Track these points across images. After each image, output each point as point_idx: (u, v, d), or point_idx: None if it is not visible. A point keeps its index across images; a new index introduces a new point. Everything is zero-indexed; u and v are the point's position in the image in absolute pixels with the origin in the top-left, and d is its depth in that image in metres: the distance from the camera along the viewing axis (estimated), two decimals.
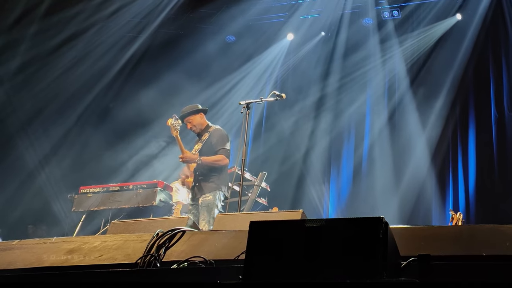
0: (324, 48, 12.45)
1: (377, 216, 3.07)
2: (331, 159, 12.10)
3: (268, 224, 3.35)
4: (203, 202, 7.17)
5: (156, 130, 11.42)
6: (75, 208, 8.49)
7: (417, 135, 11.42)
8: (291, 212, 5.43)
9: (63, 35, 11.09)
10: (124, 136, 11.63)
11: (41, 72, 11.14)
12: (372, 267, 2.93)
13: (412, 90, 11.74)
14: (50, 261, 3.89)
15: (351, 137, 12.17)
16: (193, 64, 11.94)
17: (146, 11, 11.57)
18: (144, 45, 11.94)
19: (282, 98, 7.35)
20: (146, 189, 8.31)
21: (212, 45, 12.25)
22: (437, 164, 11.19)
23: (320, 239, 3.11)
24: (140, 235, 4.12)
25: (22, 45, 10.84)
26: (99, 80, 11.68)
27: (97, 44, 11.62)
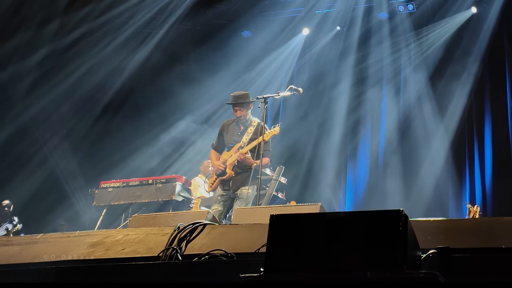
0: (339, 42, 12.44)
1: (397, 209, 3.08)
2: (348, 153, 12.12)
3: (289, 217, 3.37)
4: (241, 194, 7.22)
5: (175, 124, 11.52)
6: (96, 203, 8.61)
7: (434, 128, 11.40)
8: (310, 206, 5.47)
9: (82, 30, 11.17)
10: (145, 131, 11.73)
11: (60, 67, 11.23)
12: (392, 259, 2.94)
13: (428, 83, 11.72)
14: (74, 255, 3.95)
15: (367, 131, 12.18)
16: (209, 59, 12.00)
17: (162, 7, 11.62)
18: (161, 41, 12.00)
19: (299, 93, 7.36)
20: (165, 184, 8.39)
21: (228, 40, 12.29)
22: (453, 157, 11.18)
23: (340, 232, 3.13)
24: (161, 228, 4.17)
25: (41, 42, 10.93)
26: (117, 76, 11.77)
27: (114, 39, 11.69)
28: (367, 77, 12.25)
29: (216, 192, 7.51)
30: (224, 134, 7.68)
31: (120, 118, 11.88)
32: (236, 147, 7.44)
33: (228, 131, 7.66)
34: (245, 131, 7.53)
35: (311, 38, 12.65)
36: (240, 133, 7.57)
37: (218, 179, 7.44)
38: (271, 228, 3.28)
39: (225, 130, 7.70)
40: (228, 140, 7.61)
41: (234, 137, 7.57)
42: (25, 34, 10.81)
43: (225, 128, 7.72)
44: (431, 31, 11.98)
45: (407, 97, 11.99)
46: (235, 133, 7.60)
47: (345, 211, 3.23)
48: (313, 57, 12.55)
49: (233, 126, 7.69)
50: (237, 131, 7.60)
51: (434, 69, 11.83)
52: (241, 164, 7.35)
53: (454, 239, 3.40)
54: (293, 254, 3.17)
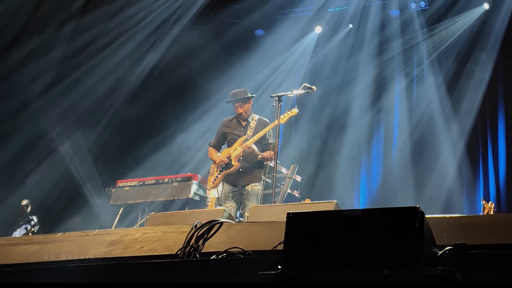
0: (351, 40, 12.44)
1: (413, 206, 3.09)
2: (362, 150, 12.12)
3: (305, 215, 3.38)
4: (253, 190, 7.29)
5: (191, 124, 11.60)
6: (113, 201, 8.69)
7: (447, 125, 11.38)
8: (325, 203, 5.48)
9: (96, 30, 11.24)
10: (162, 129, 11.81)
11: (75, 68, 11.31)
12: (409, 256, 2.95)
13: (441, 80, 11.69)
14: (93, 253, 4.00)
15: (380, 128, 12.17)
16: (222, 59, 12.04)
17: (175, 7, 11.67)
18: (175, 41, 12.05)
19: (313, 91, 7.40)
20: (181, 182, 8.46)
21: (241, 39, 12.33)
22: (467, 153, 11.16)
23: (357, 229, 3.14)
24: (179, 226, 4.21)
25: (57, 43, 11.01)
26: (132, 76, 11.85)
27: (128, 38, 11.76)
28: (379, 75, 12.24)
29: (224, 189, 7.52)
30: (224, 130, 7.74)
31: (135, 117, 11.95)
32: (241, 140, 7.49)
33: (229, 127, 7.72)
34: (247, 126, 7.60)
35: (323, 36, 12.65)
36: (242, 128, 7.64)
37: (222, 173, 7.46)
38: (288, 225, 3.30)
39: (225, 126, 7.77)
40: (229, 136, 7.67)
41: (236, 132, 7.64)
42: (42, 35, 10.88)
43: (226, 124, 7.79)
44: (443, 28, 11.95)
45: (420, 94, 11.98)
46: (237, 129, 7.67)
47: (361, 208, 3.23)
48: (326, 55, 12.55)
49: (234, 122, 7.76)
50: (239, 127, 7.68)
51: (447, 66, 11.80)
52: (247, 158, 7.40)
53: (471, 236, 3.41)
54: (310, 251, 3.19)
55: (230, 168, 7.41)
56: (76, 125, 11.47)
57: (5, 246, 4.37)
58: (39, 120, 11.16)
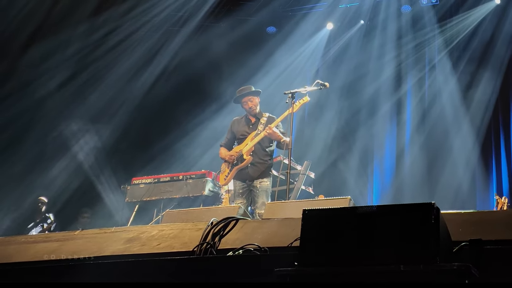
0: (363, 36, 12.43)
1: (428, 202, 3.11)
2: (374, 146, 12.11)
3: (321, 211, 3.41)
4: (262, 186, 7.32)
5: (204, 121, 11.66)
6: (129, 199, 8.74)
7: (459, 120, 11.36)
8: (339, 200, 5.49)
9: (110, 27, 11.29)
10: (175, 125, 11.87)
11: (89, 65, 11.37)
12: (425, 252, 2.96)
13: (453, 75, 11.67)
14: (111, 250, 4.04)
15: (393, 123, 12.16)
16: (234, 56, 12.07)
17: (187, 4, 11.70)
18: (187, 39, 12.08)
19: (326, 87, 7.40)
20: (195, 179, 8.49)
21: (253, 36, 12.34)
22: (480, 148, 11.13)
23: (372, 225, 3.16)
24: (195, 223, 4.24)
25: (72, 41, 11.07)
26: (145, 73, 11.90)
27: (139, 37, 11.80)
28: (391, 71, 12.21)
29: (235, 186, 7.55)
30: (234, 129, 7.77)
31: (149, 114, 12.01)
32: (252, 135, 7.51)
33: (239, 125, 7.75)
34: (257, 122, 7.62)
35: (335, 33, 12.65)
36: (251, 125, 7.66)
37: (234, 169, 7.48)
38: (304, 222, 3.33)
39: (235, 125, 7.80)
40: (240, 132, 7.69)
41: (246, 129, 7.66)
42: (57, 33, 10.94)
43: (235, 123, 7.82)
44: (454, 23, 11.90)
45: (432, 90, 11.95)
46: (247, 126, 7.69)
47: (377, 205, 3.24)
48: (338, 51, 12.55)
49: (243, 120, 7.80)
50: (248, 124, 7.70)
51: (458, 61, 11.76)
52: (258, 152, 7.43)
53: (486, 231, 3.41)
54: (326, 247, 3.22)
55: (242, 162, 7.44)
56: (90, 123, 11.52)
57: (24, 243, 4.42)
58: (54, 118, 11.22)
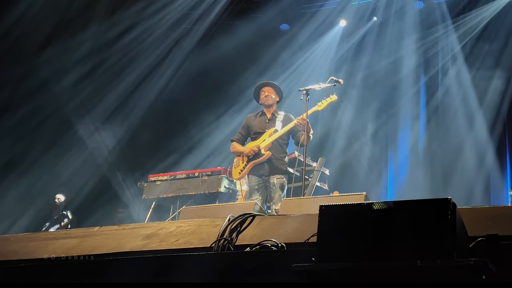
0: (376, 33, 12.41)
1: (445, 197, 3.13)
2: (388, 142, 12.11)
3: (338, 207, 3.43)
4: (278, 183, 7.32)
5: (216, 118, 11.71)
6: (145, 196, 8.81)
7: (473, 115, 11.34)
8: (355, 196, 5.53)
9: (125, 24, 11.34)
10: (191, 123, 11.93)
11: (105, 61, 11.43)
12: (442, 248, 2.98)
13: (467, 70, 11.63)
14: (130, 246, 4.09)
15: (406, 119, 12.14)
16: (249, 53, 12.09)
17: (202, 3, 11.73)
18: (201, 37, 12.13)
19: (340, 84, 7.41)
20: (211, 176, 8.54)
21: (267, 34, 12.37)
22: (493, 143, 11.10)
23: (389, 221, 3.18)
24: (212, 220, 4.27)
25: (87, 40, 11.14)
26: (157, 72, 11.96)
27: (153, 35, 11.85)
28: (404, 67, 12.19)
29: (250, 182, 7.53)
30: (248, 124, 7.74)
31: (165, 111, 12.07)
32: (269, 132, 7.50)
33: (254, 121, 7.72)
34: (274, 118, 7.61)
35: (348, 30, 12.64)
36: (268, 121, 7.65)
37: (250, 163, 7.44)
38: (320, 218, 3.35)
39: (250, 121, 7.76)
40: (255, 129, 7.65)
41: (262, 125, 7.63)
42: (73, 30, 11.01)
43: (251, 119, 7.78)
44: (467, 18, 11.86)
45: (446, 85, 11.91)
46: (263, 121, 7.66)
47: (393, 200, 3.26)
48: (351, 48, 12.55)
49: (258, 116, 7.76)
50: (264, 120, 7.67)
51: (472, 57, 11.72)
52: (275, 149, 7.43)
53: (502, 227, 3.41)
54: (343, 243, 3.24)
55: (260, 157, 7.42)
56: (106, 121, 11.59)
57: (43, 240, 4.48)
58: (70, 114, 11.28)
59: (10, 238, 4.67)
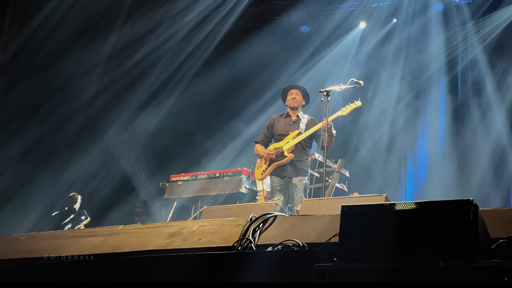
0: (396, 34, 12.39)
1: (467, 199, 3.14)
2: (407, 142, 12.08)
3: (360, 207, 3.46)
4: (301, 184, 7.36)
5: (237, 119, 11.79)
6: (167, 195, 8.90)
7: (493, 117, 11.30)
8: (375, 197, 5.54)
9: (145, 27, 11.44)
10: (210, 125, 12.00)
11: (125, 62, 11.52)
12: (464, 249, 2.99)
13: (487, 71, 11.58)
14: (154, 245, 4.14)
15: (426, 121, 12.11)
16: (269, 55, 12.13)
17: (223, 5, 11.78)
18: (222, 39, 12.17)
19: (360, 85, 7.45)
20: (232, 177, 8.61)
21: (287, 36, 12.39)
22: None
23: (410, 222, 3.19)
24: (235, 219, 4.31)
25: (109, 41, 11.23)
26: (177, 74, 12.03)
27: (172, 38, 11.91)
28: (424, 68, 12.16)
29: (272, 183, 7.57)
30: (273, 126, 7.78)
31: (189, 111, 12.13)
32: (293, 135, 7.54)
33: (278, 123, 7.77)
34: (299, 121, 7.65)
35: (368, 32, 12.63)
36: (292, 123, 7.70)
37: (273, 165, 7.49)
38: (343, 218, 3.37)
39: (274, 122, 7.81)
40: (279, 131, 7.70)
41: (287, 127, 7.68)
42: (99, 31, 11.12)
43: (275, 121, 7.83)
44: (487, 21, 11.81)
45: (466, 87, 11.87)
46: (287, 124, 7.71)
47: (415, 201, 3.27)
48: (371, 50, 12.54)
49: (283, 118, 7.81)
50: (289, 122, 7.72)
51: (492, 57, 11.68)
52: (298, 151, 7.47)
53: None
54: (365, 243, 3.26)
55: (283, 159, 7.47)
56: (128, 121, 11.68)
57: (69, 238, 4.55)
58: (92, 113, 11.38)
59: (36, 236, 4.75)
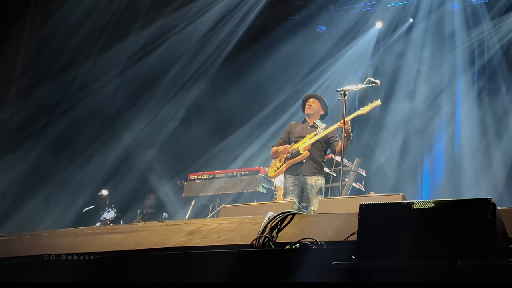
0: (412, 34, 12.38)
1: (485, 197, 3.15)
2: (423, 141, 12.06)
3: (378, 206, 3.47)
4: (316, 185, 7.39)
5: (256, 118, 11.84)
6: (185, 194, 8.96)
7: (508, 115, 11.25)
8: (392, 196, 5.55)
9: (160, 29, 11.50)
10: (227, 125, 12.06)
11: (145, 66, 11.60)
12: (482, 248, 3.00)
13: (504, 74, 11.54)
14: (173, 242, 4.18)
15: (442, 121, 12.08)
16: (286, 54, 12.16)
17: (240, 5, 11.82)
18: (240, 38, 12.22)
19: (377, 85, 7.46)
20: (249, 176, 8.64)
21: (304, 35, 12.41)
22: None
23: (428, 220, 3.21)
24: (253, 217, 4.33)
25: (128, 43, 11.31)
26: (196, 74, 12.08)
27: (190, 38, 11.97)
28: (440, 69, 12.14)
29: (286, 182, 7.61)
30: (291, 131, 7.86)
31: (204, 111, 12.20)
32: (310, 136, 7.59)
33: (296, 128, 7.85)
34: (315, 126, 7.72)
35: (384, 31, 12.63)
36: (310, 126, 7.76)
37: (287, 162, 7.54)
38: (361, 216, 3.39)
39: (292, 128, 7.90)
40: (297, 134, 7.77)
41: (304, 130, 7.75)
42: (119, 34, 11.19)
43: (293, 126, 7.92)
44: (504, 20, 11.75)
45: (482, 87, 11.83)
46: (305, 127, 7.79)
47: (432, 200, 3.28)
48: (387, 49, 12.53)
49: (301, 123, 7.90)
50: (306, 126, 7.80)
51: (509, 59, 11.64)
52: (315, 151, 7.51)
53: None
54: (383, 241, 3.28)
55: (298, 156, 7.51)
56: (145, 122, 11.75)
57: (90, 235, 4.61)
58: (111, 112, 11.46)
59: (58, 232, 4.81)
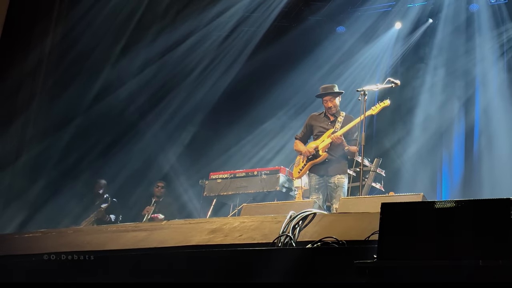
0: (431, 35, 12.33)
1: (507, 197, 3.15)
2: (442, 141, 12.02)
3: (399, 205, 3.50)
4: (339, 183, 7.44)
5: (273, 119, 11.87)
6: (206, 193, 9.02)
7: None
8: (412, 196, 5.57)
9: (182, 32, 11.57)
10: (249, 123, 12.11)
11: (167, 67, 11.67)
12: (504, 248, 3.01)
13: None
14: (196, 240, 4.23)
15: (461, 121, 12.02)
16: (306, 55, 12.17)
17: (261, 5, 11.84)
18: (260, 39, 12.25)
19: (397, 85, 7.48)
20: (269, 175, 8.68)
21: (324, 36, 12.42)
22: None
23: (450, 220, 3.22)
24: (274, 216, 4.38)
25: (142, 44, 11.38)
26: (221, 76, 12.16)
27: (212, 40, 12.02)
28: (459, 68, 12.08)
29: (311, 181, 7.65)
30: (311, 123, 7.90)
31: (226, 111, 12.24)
32: (329, 133, 7.62)
33: (317, 121, 7.87)
34: (335, 120, 7.73)
35: (404, 32, 12.59)
36: (330, 122, 7.77)
37: (309, 163, 7.59)
38: (382, 216, 3.39)
39: (313, 120, 7.92)
40: (317, 129, 7.81)
41: (324, 126, 7.78)
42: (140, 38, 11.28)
43: (314, 118, 7.95)
44: None
45: (502, 88, 11.76)
46: (325, 122, 7.80)
47: (454, 200, 3.30)
48: (407, 50, 12.50)
49: (321, 116, 7.91)
50: (327, 121, 7.81)
51: None
52: (334, 149, 7.54)
53: None
54: (405, 241, 3.28)
55: (318, 158, 7.56)
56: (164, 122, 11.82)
57: (115, 232, 4.69)
58: (131, 112, 11.53)
59: (82, 230, 4.91)
